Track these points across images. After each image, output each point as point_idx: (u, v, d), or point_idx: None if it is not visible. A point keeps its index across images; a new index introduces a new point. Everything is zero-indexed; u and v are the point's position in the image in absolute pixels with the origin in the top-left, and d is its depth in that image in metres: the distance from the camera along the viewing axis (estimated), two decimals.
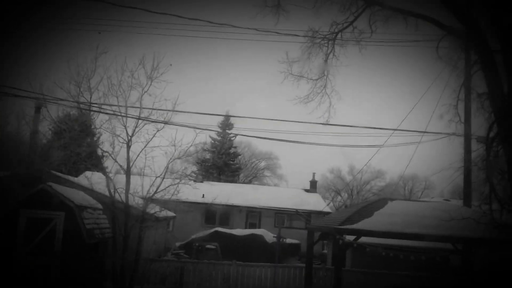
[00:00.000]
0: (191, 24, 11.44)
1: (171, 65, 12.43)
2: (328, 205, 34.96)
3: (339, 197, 51.50)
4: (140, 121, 12.20)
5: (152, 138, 12.19)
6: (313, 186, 33.06)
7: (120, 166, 12.28)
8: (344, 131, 24.22)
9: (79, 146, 13.52)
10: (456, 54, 10.97)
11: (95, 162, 14.30)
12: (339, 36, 11.34)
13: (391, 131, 12.78)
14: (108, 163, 13.85)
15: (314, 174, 33.42)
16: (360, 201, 45.17)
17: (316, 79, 12.03)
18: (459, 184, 13.07)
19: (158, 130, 12.17)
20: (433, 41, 10.69)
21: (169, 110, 12.28)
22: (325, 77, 12.03)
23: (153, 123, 12.31)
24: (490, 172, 8.03)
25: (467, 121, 11.77)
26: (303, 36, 11.63)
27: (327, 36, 11.33)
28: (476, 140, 11.32)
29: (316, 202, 29.73)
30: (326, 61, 11.80)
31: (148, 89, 12.10)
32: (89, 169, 17.81)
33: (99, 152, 14.20)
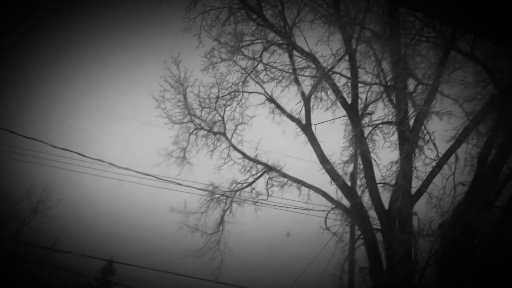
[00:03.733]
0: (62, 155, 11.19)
1: (60, 200, 11.86)
2: None
3: None
4: None
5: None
6: None
7: None
8: None
9: None
10: (343, 227, 11.75)
11: None
12: (238, 194, 11.77)
13: None
14: None
15: None
16: None
17: (211, 234, 12.01)
18: None
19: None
20: (323, 211, 11.44)
21: (46, 248, 11.29)
22: (220, 232, 12.06)
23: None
24: None
25: None
26: (204, 189, 11.91)
27: (226, 193, 11.70)
28: None
29: None
30: (223, 216, 11.99)
31: (28, 223, 11.20)
32: None
33: None
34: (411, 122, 9.91)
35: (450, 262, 9.22)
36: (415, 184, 9.78)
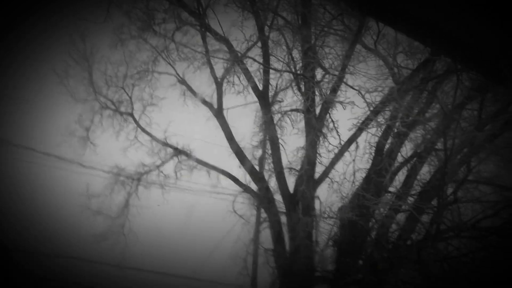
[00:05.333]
0: None
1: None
2: None
3: None
4: None
5: None
6: None
7: None
8: (142, 276, 22.89)
9: None
10: (250, 211, 12.01)
11: None
12: (144, 177, 11.50)
13: None
14: None
15: None
16: None
17: (115, 217, 11.66)
18: None
19: None
20: (231, 195, 11.59)
21: None
22: (124, 216, 11.75)
23: None
24: None
25: (254, 276, 12.45)
26: (108, 172, 11.49)
27: (132, 175, 11.39)
28: None
29: None
30: (128, 200, 11.68)
31: None
32: None
33: None
34: (318, 110, 10.34)
35: (347, 243, 9.84)
36: (319, 170, 10.27)
